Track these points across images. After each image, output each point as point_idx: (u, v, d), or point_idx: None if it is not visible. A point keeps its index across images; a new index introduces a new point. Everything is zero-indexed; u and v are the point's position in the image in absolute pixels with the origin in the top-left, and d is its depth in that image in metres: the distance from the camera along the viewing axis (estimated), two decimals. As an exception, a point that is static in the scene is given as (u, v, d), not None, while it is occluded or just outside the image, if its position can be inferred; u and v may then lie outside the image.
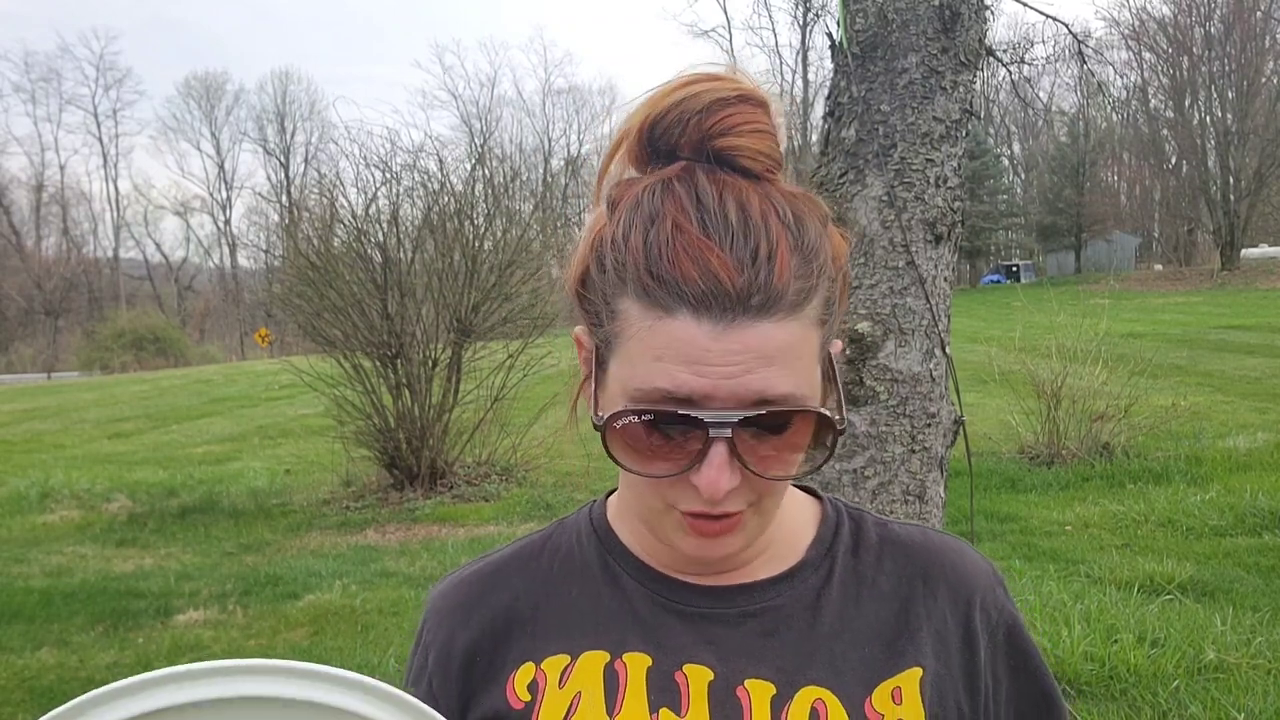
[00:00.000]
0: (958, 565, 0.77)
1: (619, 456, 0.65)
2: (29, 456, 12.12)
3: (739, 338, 0.61)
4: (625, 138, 0.68)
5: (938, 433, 2.21)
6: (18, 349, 49.68)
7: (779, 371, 0.62)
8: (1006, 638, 0.76)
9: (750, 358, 0.61)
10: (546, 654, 0.73)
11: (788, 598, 0.74)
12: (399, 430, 8.23)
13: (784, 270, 0.62)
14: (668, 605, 0.73)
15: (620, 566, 0.76)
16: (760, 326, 0.62)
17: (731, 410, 0.62)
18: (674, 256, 0.61)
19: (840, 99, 2.25)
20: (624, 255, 0.64)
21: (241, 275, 58.61)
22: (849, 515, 0.80)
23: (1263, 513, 5.94)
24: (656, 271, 0.62)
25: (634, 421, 0.64)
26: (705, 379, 0.61)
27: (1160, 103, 43.11)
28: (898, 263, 2.18)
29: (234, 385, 21.17)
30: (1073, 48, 3.88)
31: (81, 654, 4.59)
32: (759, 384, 0.62)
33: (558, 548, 0.79)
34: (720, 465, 0.62)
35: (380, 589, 5.52)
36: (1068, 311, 8.84)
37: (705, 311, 0.61)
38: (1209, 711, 3.15)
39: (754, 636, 0.72)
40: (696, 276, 0.61)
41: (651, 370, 0.62)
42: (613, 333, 0.65)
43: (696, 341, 0.61)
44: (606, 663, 0.72)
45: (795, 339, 0.63)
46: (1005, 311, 19.36)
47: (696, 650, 0.71)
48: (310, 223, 9.25)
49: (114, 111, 65.79)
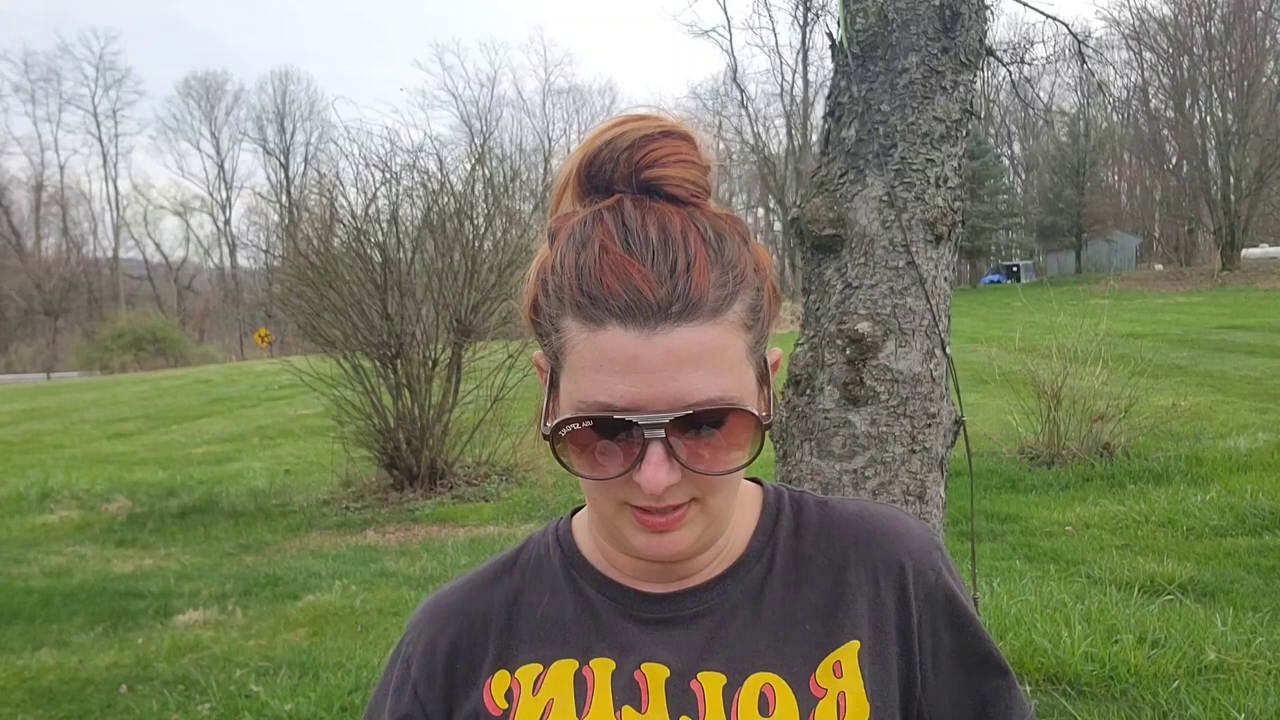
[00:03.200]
0: (890, 532, 0.81)
1: (568, 462, 0.71)
2: (29, 457, 12.12)
3: (663, 343, 0.67)
4: (568, 179, 0.75)
5: (938, 433, 2.21)
6: (17, 349, 49.68)
7: (704, 374, 0.68)
8: (945, 600, 0.79)
9: (675, 361, 0.67)
10: (520, 663, 0.79)
11: (734, 591, 0.78)
12: (399, 430, 8.22)
13: (702, 280, 0.68)
14: (626, 613, 0.79)
15: (583, 579, 0.82)
16: (681, 331, 0.67)
17: (663, 413, 0.67)
18: (600, 274, 0.68)
19: (840, 99, 2.25)
20: (561, 278, 0.70)
21: (241, 275, 58.59)
22: (790, 499, 0.84)
23: (1263, 513, 5.93)
24: (586, 289, 0.68)
25: (577, 429, 0.69)
26: (635, 386, 0.67)
27: (1160, 103, 43.12)
28: (898, 263, 2.18)
29: (234, 385, 21.18)
30: (1073, 48, 3.87)
31: (81, 654, 4.58)
32: (684, 388, 0.67)
33: (528, 561, 0.85)
34: (657, 464, 0.67)
35: (380, 589, 5.51)
36: (1068, 311, 8.83)
37: (630, 321, 0.67)
38: (1209, 712, 3.14)
39: (705, 632, 0.77)
40: (621, 290, 0.67)
41: (591, 382, 0.68)
42: (559, 350, 0.71)
43: (625, 349, 0.67)
44: (576, 670, 0.77)
45: (718, 342, 0.69)
46: (1005, 311, 19.35)
47: (654, 650, 0.77)
48: (310, 223, 9.25)
49: (114, 111, 65.44)
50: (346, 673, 4.05)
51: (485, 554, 6.18)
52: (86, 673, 4.31)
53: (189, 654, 4.50)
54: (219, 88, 65.23)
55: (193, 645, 4.64)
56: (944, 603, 0.79)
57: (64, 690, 4.12)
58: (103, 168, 79.78)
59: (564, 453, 0.71)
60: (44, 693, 4.10)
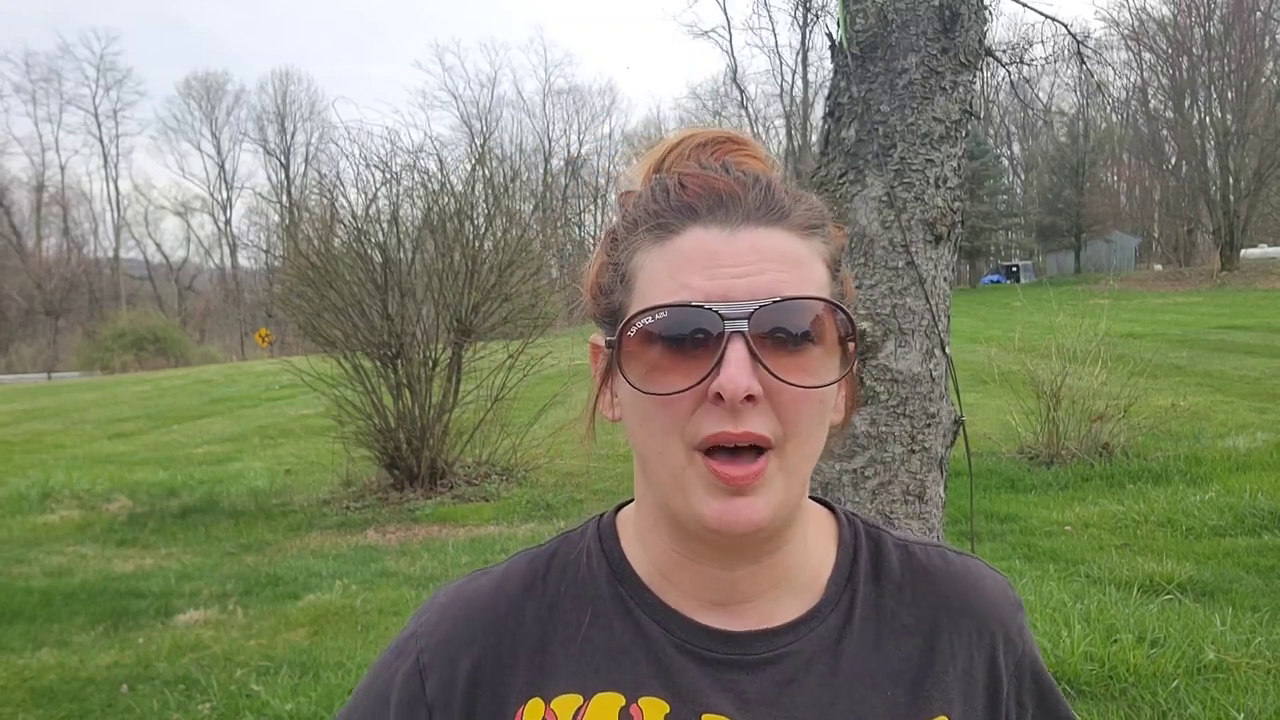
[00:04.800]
0: (981, 597, 0.74)
1: (633, 377, 0.63)
2: (29, 457, 12.12)
3: (749, 240, 0.62)
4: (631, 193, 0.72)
5: (938, 433, 2.21)
6: (18, 349, 49.66)
7: (792, 276, 0.63)
8: (1032, 671, 0.75)
9: (762, 259, 0.62)
10: (557, 692, 0.69)
11: (807, 641, 0.70)
12: (399, 430, 8.23)
13: (785, 198, 0.65)
14: (683, 647, 0.69)
15: (634, 600, 0.71)
16: (770, 232, 0.63)
17: (746, 301, 0.60)
18: (682, 190, 0.65)
19: (840, 99, 2.25)
20: (636, 216, 0.67)
21: (242, 275, 58.62)
22: (868, 536, 0.76)
23: (1262, 513, 5.94)
24: (665, 204, 0.65)
25: (648, 322, 0.62)
26: (718, 280, 0.61)
27: (1160, 103, 43.13)
28: (897, 263, 2.18)
29: (234, 385, 21.17)
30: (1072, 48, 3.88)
31: (82, 654, 4.59)
32: (772, 283, 0.62)
33: (565, 568, 0.74)
34: (739, 362, 0.59)
35: (380, 589, 5.52)
36: (1067, 311, 8.84)
37: (713, 219, 0.63)
38: (1208, 711, 3.15)
39: (774, 685, 0.68)
40: (701, 192, 0.64)
41: (666, 288, 0.62)
42: (625, 293, 0.66)
43: (706, 246, 0.62)
44: (622, 707, 0.68)
45: (806, 258, 0.65)
46: (1005, 311, 19.35)
47: (715, 699, 0.67)
48: (310, 223, 9.26)
49: (114, 112, 65.40)
50: (347, 672, 4.05)
51: (486, 554, 6.18)
52: (87, 672, 4.31)
53: (190, 653, 4.50)
54: (219, 88, 65.35)
55: (193, 645, 4.64)
56: (1031, 673, 0.74)
57: (65, 690, 4.12)
58: (103, 168, 79.73)
59: (631, 367, 0.63)
60: (45, 692, 4.11)
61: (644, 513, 0.72)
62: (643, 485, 0.71)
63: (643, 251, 0.65)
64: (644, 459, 0.67)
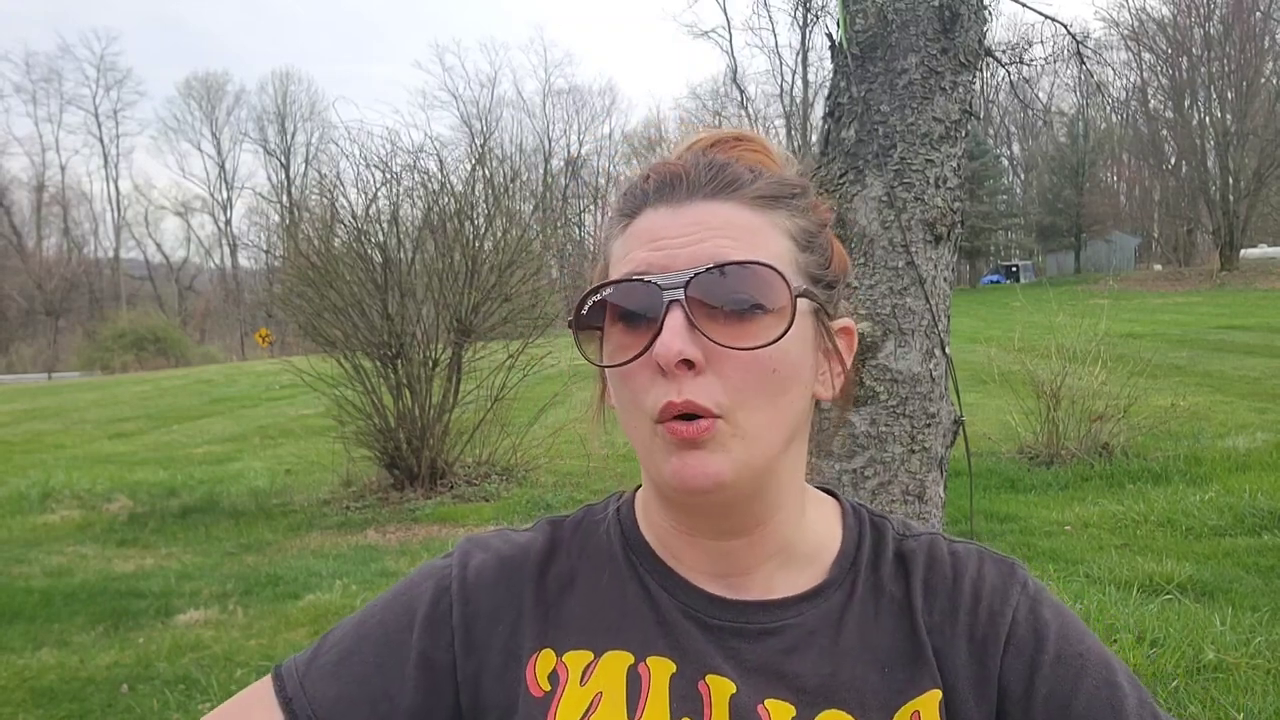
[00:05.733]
0: (971, 577, 0.74)
1: (589, 352, 0.68)
2: (29, 456, 12.12)
3: (692, 213, 0.65)
4: None
5: (937, 433, 2.22)
6: (18, 349, 49.68)
7: (734, 243, 0.64)
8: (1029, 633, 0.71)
9: (704, 229, 0.64)
10: (569, 646, 0.72)
11: (810, 616, 0.72)
12: (399, 430, 8.23)
13: (744, 173, 0.67)
14: (688, 613, 0.72)
15: (644, 568, 0.75)
16: (714, 205, 0.65)
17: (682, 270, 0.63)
18: (642, 180, 0.69)
19: (840, 99, 2.25)
20: (611, 210, 0.72)
21: (242, 275, 58.63)
22: (871, 524, 0.78)
23: (1262, 513, 5.94)
24: (627, 194, 0.69)
25: (595, 300, 0.65)
26: (660, 251, 0.64)
27: (1160, 103, 43.13)
28: (897, 263, 2.18)
29: (235, 385, 21.17)
30: (1071, 48, 3.89)
31: (82, 654, 4.59)
32: (712, 250, 0.64)
33: (586, 535, 0.78)
34: (674, 329, 0.61)
35: (380, 589, 5.48)
36: (1067, 312, 8.83)
37: (661, 198, 0.66)
38: (1208, 711, 3.15)
39: (774, 654, 0.70)
40: (655, 176, 0.68)
41: (619, 267, 0.67)
42: (601, 279, 0.69)
43: (654, 224, 0.66)
44: (630, 665, 0.70)
45: (756, 225, 0.66)
46: (1005, 311, 19.35)
47: (718, 661, 0.70)
48: (310, 223, 9.25)
49: (115, 112, 65.40)
50: (347, 672, 4.04)
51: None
52: (87, 672, 4.31)
53: (190, 653, 4.50)
54: (220, 88, 65.38)
55: (194, 645, 4.64)
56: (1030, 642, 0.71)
57: (65, 690, 4.12)
58: (104, 168, 79.67)
59: (587, 341, 0.67)
60: (45, 692, 4.11)
61: (645, 490, 0.77)
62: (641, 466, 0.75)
63: (611, 239, 0.70)
64: (626, 434, 0.70)
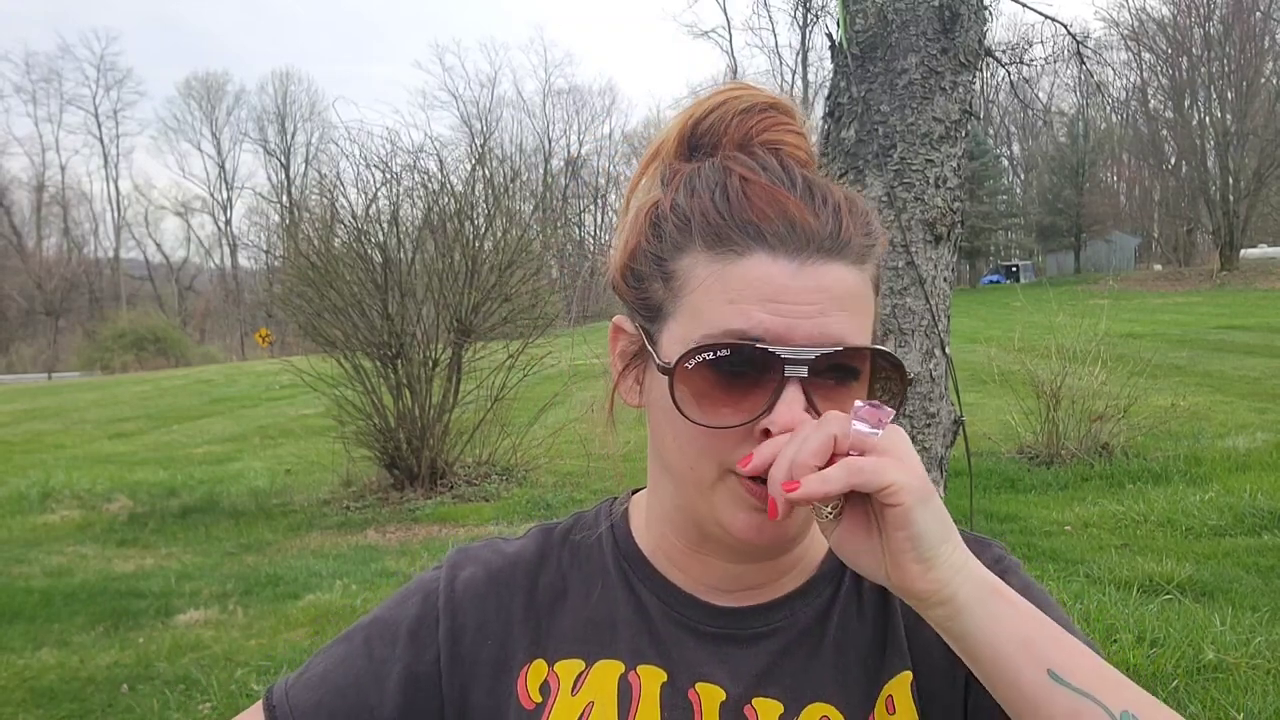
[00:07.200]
0: None
1: (685, 406, 0.62)
2: (30, 457, 12.12)
3: (814, 276, 0.61)
4: (661, 148, 0.71)
5: (937, 433, 2.22)
6: (18, 349, 49.69)
7: (851, 318, 0.63)
8: None
9: (826, 299, 0.62)
10: (560, 656, 0.72)
11: (801, 615, 0.73)
12: (399, 430, 8.23)
13: (849, 223, 0.64)
14: (682, 622, 0.72)
15: (636, 576, 0.74)
16: (834, 267, 0.62)
17: (809, 348, 0.60)
18: (746, 201, 0.62)
19: (840, 99, 2.25)
20: (688, 212, 0.64)
21: (242, 275, 58.64)
22: None
23: (1262, 513, 5.94)
24: (728, 215, 0.62)
25: (709, 358, 0.61)
26: (782, 318, 0.60)
27: (1160, 103, 43.14)
28: (898, 263, 2.19)
29: (235, 385, 21.17)
30: (1071, 48, 3.89)
31: (82, 654, 4.59)
32: (836, 327, 0.62)
33: (577, 544, 0.78)
34: (794, 404, 0.60)
35: (380, 589, 5.52)
36: (1067, 312, 8.83)
37: (782, 248, 0.61)
38: (1208, 711, 3.15)
39: (765, 656, 0.71)
40: (772, 215, 0.62)
41: (724, 313, 0.61)
42: (677, 289, 0.64)
43: (773, 279, 0.61)
44: (621, 674, 0.71)
45: (862, 290, 0.65)
46: (1005, 311, 19.34)
47: (710, 669, 0.70)
48: (311, 223, 9.26)
49: (115, 112, 65.36)
50: (347, 672, 4.05)
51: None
52: (87, 672, 4.31)
53: (190, 653, 4.50)
54: (220, 88, 65.39)
55: (194, 645, 4.64)
56: None
57: (65, 690, 4.12)
58: (104, 168, 79.63)
59: (682, 395, 0.62)
60: (45, 692, 4.11)
61: (657, 504, 0.74)
62: (661, 482, 0.73)
63: (693, 258, 0.63)
64: (668, 465, 0.68)
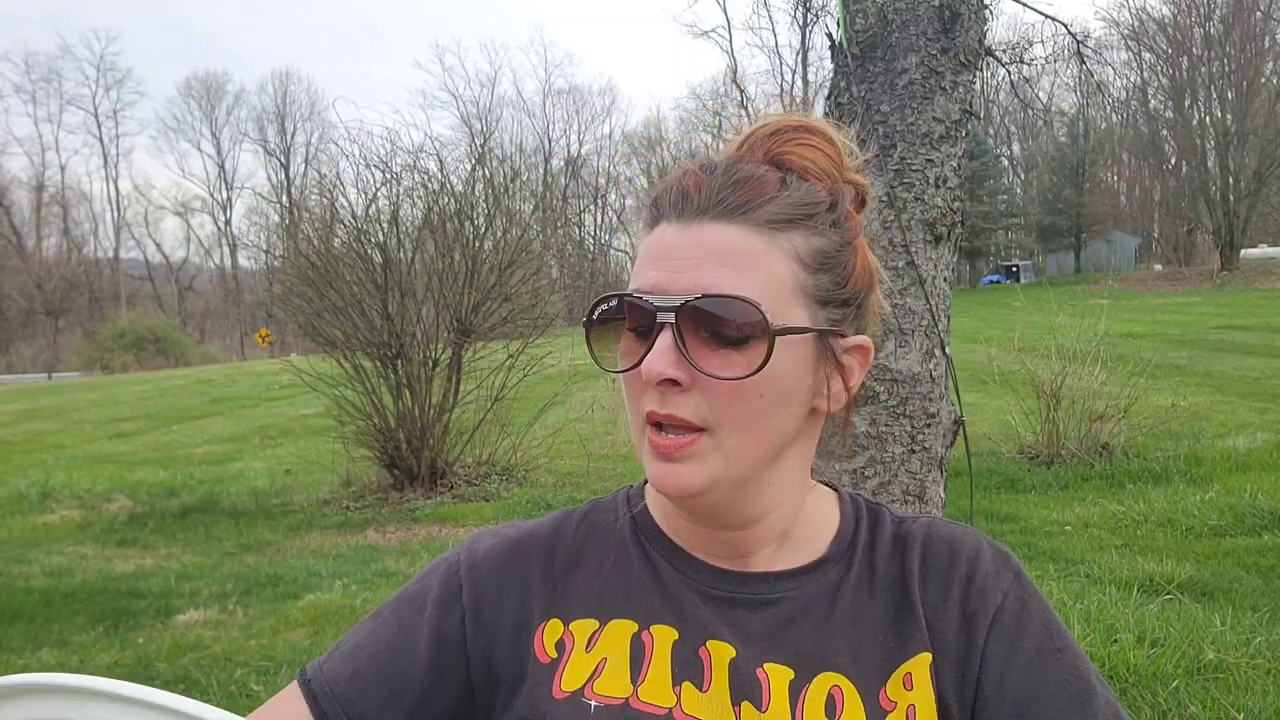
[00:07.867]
0: (961, 555, 0.78)
1: (596, 353, 0.73)
2: (29, 457, 12.12)
3: (696, 234, 0.68)
4: None
5: (937, 433, 2.22)
6: (18, 349, 49.69)
7: (731, 271, 0.67)
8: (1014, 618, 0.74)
9: (704, 254, 0.68)
10: (575, 616, 0.76)
11: (807, 589, 0.76)
12: (399, 430, 8.23)
13: (757, 194, 0.69)
14: (691, 584, 0.76)
15: (650, 545, 0.79)
16: (718, 227, 0.68)
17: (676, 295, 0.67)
18: (662, 183, 0.72)
19: (840, 99, 2.25)
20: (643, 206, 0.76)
21: (242, 275, 58.66)
22: (868, 511, 0.83)
23: (1262, 513, 5.94)
24: (651, 199, 0.73)
25: (600, 311, 0.71)
26: (663, 272, 0.68)
27: (1160, 103, 43.12)
28: (898, 263, 2.19)
29: (234, 385, 21.17)
30: (1072, 48, 3.89)
31: (82, 654, 4.59)
32: (705, 278, 0.67)
33: (594, 522, 0.83)
34: (661, 350, 0.66)
35: (380, 589, 5.52)
36: (1067, 311, 8.83)
37: (674, 215, 0.70)
38: (1208, 711, 3.15)
39: (773, 623, 0.74)
40: (674, 189, 0.70)
41: (636, 276, 0.71)
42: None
43: (664, 241, 0.70)
44: (634, 632, 0.74)
45: (756, 249, 0.68)
46: (1005, 311, 19.35)
47: (719, 629, 0.74)
48: (310, 223, 9.25)
49: (114, 112, 65.31)
50: (347, 672, 4.04)
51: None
52: (88, 672, 4.30)
53: (190, 653, 4.50)
54: (220, 88, 65.38)
55: (193, 645, 4.64)
56: (1015, 620, 0.74)
57: (65, 689, 4.12)
58: (103, 168, 79.57)
59: (595, 344, 0.72)
60: (45, 692, 4.10)
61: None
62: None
63: (639, 241, 0.74)
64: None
